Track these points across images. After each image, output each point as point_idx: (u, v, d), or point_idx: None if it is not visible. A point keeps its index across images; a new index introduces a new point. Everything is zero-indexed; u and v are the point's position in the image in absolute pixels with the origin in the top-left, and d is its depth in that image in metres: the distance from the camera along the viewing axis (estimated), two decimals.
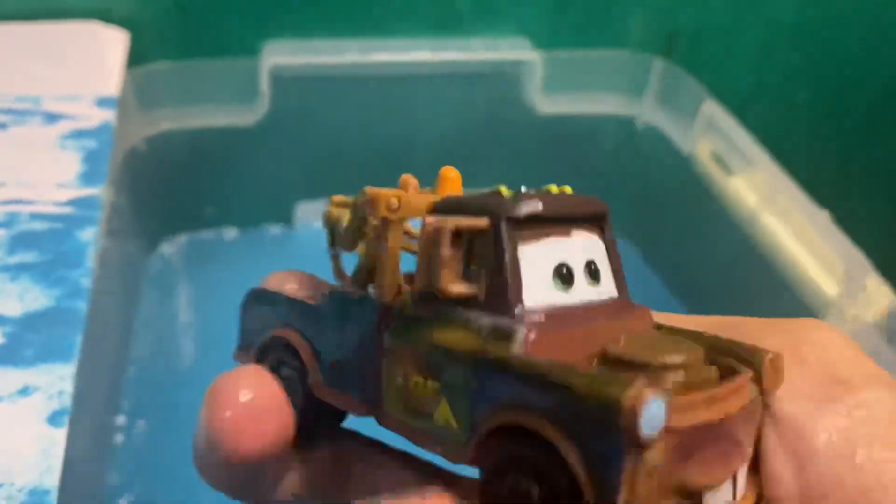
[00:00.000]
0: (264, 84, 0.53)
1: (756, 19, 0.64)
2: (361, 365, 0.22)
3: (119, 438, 0.46)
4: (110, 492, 0.43)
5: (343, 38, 0.55)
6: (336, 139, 0.59)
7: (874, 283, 0.44)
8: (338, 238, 0.24)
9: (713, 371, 0.19)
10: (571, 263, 0.21)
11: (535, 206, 0.20)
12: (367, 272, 0.23)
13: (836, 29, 0.66)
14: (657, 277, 0.61)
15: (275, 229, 0.62)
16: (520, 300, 0.20)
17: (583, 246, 0.22)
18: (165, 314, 0.54)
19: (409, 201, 0.22)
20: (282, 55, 0.53)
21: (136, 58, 0.51)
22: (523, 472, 0.18)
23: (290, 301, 0.24)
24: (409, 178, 0.24)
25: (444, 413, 0.20)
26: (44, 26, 0.49)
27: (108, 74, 0.46)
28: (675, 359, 0.19)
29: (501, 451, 0.18)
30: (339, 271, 0.25)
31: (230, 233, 0.60)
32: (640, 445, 0.16)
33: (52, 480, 0.27)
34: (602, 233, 0.22)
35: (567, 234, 0.21)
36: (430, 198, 0.22)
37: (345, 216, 0.24)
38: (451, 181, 0.24)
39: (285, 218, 0.61)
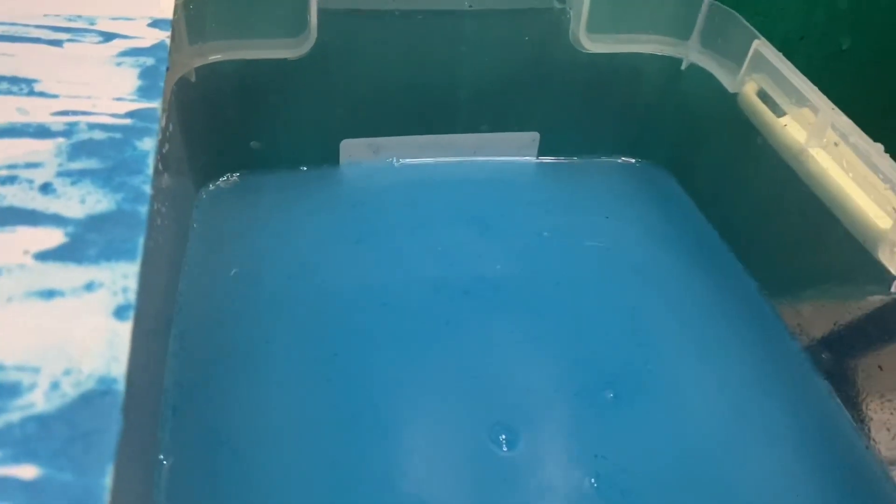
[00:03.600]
0: (313, 16, 0.53)
1: None
2: None
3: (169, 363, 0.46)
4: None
5: None
6: (381, 75, 0.59)
7: None
8: None
9: None
10: None
11: None
12: None
13: None
14: (700, 212, 0.62)
15: (320, 167, 0.62)
16: None
17: None
18: (212, 250, 0.54)
19: None
20: None
21: None
22: None
23: None
24: None
25: None
26: None
27: None
28: None
29: None
30: None
31: (275, 169, 0.61)
32: None
33: (120, 369, 0.27)
34: None
35: None
36: None
37: None
38: None
39: (330, 154, 0.62)
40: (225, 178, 0.60)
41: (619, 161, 0.67)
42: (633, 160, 0.67)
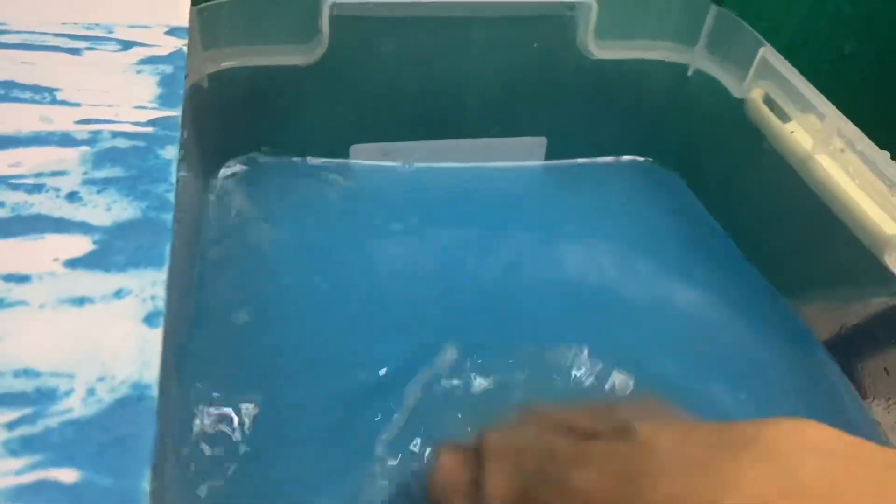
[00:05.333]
0: (324, 23, 0.54)
1: None
2: None
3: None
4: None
5: None
6: (391, 81, 0.60)
7: None
8: None
9: None
10: None
11: None
12: None
13: None
14: (710, 216, 0.63)
15: (330, 170, 0.62)
16: None
17: None
18: (223, 245, 0.55)
19: None
20: None
21: None
22: None
23: None
24: None
25: None
26: None
27: (176, 6, 0.47)
28: None
29: None
30: None
31: (284, 172, 0.61)
32: None
33: (152, 375, 0.27)
34: None
35: None
36: None
37: None
38: None
39: (340, 158, 0.62)
40: (232, 177, 0.60)
41: (627, 161, 0.68)
42: (642, 159, 0.68)
